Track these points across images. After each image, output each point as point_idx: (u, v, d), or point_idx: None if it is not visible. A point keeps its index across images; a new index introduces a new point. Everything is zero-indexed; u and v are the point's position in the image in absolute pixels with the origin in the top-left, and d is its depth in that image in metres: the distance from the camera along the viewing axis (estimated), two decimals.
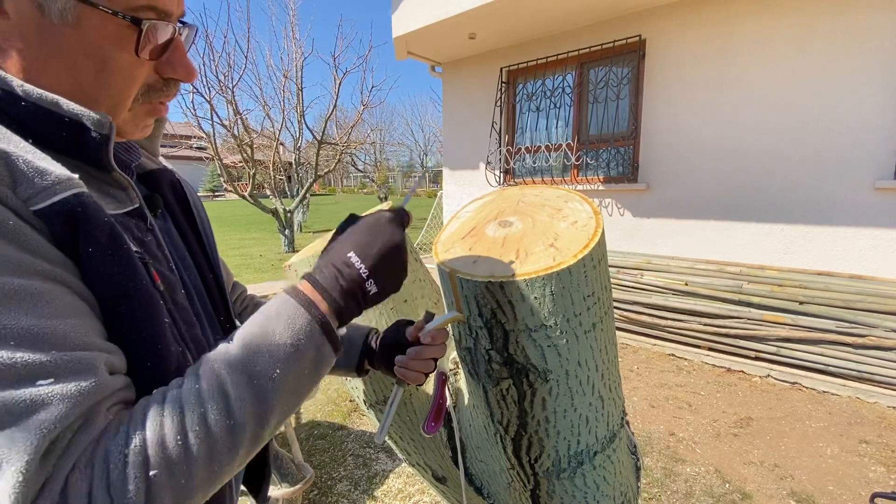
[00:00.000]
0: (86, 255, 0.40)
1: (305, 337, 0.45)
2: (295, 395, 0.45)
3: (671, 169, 4.12)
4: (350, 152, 14.21)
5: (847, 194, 3.30)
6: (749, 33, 3.59)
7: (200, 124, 8.06)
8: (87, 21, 0.43)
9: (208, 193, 30.94)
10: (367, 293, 0.51)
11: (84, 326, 0.39)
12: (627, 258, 4.20)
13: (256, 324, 0.45)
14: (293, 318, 0.46)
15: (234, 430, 0.40)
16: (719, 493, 2.08)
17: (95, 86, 0.46)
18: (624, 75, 4.32)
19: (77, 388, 0.36)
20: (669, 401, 2.95)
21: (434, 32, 4.78)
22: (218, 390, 0.40)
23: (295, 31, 9.04)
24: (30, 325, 0.35)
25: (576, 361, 0.62)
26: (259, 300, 0.85)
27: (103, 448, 0.36)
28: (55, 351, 0.36)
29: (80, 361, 0.37)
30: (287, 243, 9.06)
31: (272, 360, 0.43)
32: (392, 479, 2.23)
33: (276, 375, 0.43)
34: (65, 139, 0.44)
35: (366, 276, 0.50)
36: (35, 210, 0.37)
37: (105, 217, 0.42)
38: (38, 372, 0.35)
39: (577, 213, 0.64)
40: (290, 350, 0.44)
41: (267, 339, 0.44)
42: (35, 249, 0.37)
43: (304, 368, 0.45)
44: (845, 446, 2.41)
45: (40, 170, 0.38)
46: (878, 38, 3.10)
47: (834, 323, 3.03)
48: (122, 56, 0.46)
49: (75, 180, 0.40)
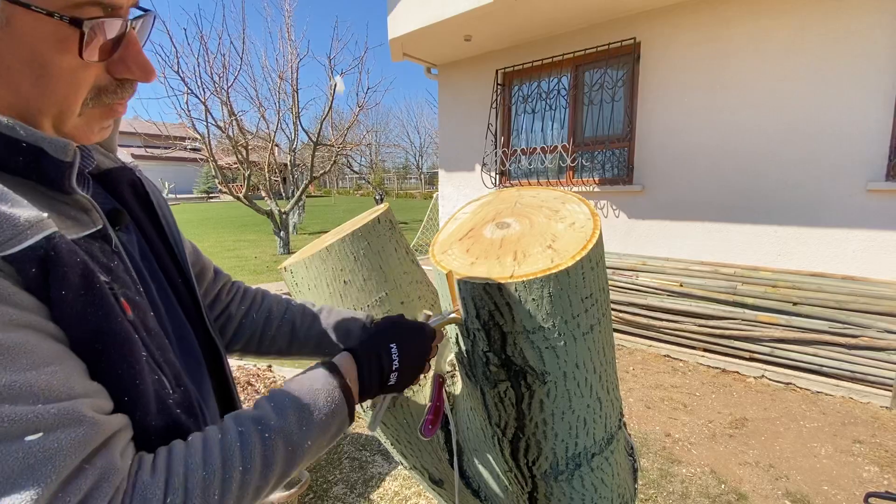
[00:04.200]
0: (58, 299, 0.39)
1: (339, 420, 0.55)
2: (307, 461, 0.53)
3: (666, 171, 4.14)
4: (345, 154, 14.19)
5: (840, 196, 3.33)
6: (742, 36, 3.62)
7: (195, 125, 8.02)
8: (19, 22, 0.38)
9: (203, 195, 30.78)
10: (385, 384, 0.62)
11: (64, 372, 0.38)
12: (622, 259, 4.21)
13: (299, 392, 0.53)
14: (334, 402, 0.54)
15: (261, 488, 0.46)
16: (715, 494, 2.09)
17: (36, 94, 0.41)
18: (619, 77, 4.34)
19: (69, 439, 0.35)
20: (665, 402, 2.96)
21: (430, 34, 4.79)
22: (259, 452, 0.45)
23: (290, 32, 9.02)
24: (10, 380, 0.33)
25: (574, 363, 0.61)
26: (248, 288, 0.82)
27: (141, 496, 0.38)
28: (40, 404, 0.35)
29: (66, 411, 0.36)
30: (282, 245, 9.03)
31: (307, 433, 0.50)
32: (388, 482, 2.21)
33: (307, 446, 0.50)
34: (21, 163, 0.40)
35: (395, 368, 0.62)
36: (4, 256, 0.35)
37: (77, 258, 0.40)
38: (26, 427, 0.34)
39: (575, 215, 0.64)
40: (324, 426, 0.53)
41: (307, 412, 0.51)
42: (8, 299, 0.35)
43: (326, 441, 0.54)
44: (839, 446, 2.43)
45: (7, 214, 0.36)
46: (870, 41, 3.14)
47: (827, 324, 3.06)
48: (64, 59, 0.41)
49: (45, 220, 0.38)
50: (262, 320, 0.78)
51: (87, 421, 0.37)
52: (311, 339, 0.78)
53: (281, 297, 0.82)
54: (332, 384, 0.55)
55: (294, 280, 0.89)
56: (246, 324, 0.78)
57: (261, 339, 0.78)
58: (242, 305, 0.78)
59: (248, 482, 0.44)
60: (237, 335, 0.77)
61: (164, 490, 0.39)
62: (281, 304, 0.80)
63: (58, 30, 0.39)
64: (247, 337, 0.78)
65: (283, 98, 9.09)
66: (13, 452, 0.33)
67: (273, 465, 0.46)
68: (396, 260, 0.89)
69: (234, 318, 0.77)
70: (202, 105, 7.83)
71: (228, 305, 0.78)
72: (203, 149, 8.30)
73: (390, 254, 0.88)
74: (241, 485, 0.43)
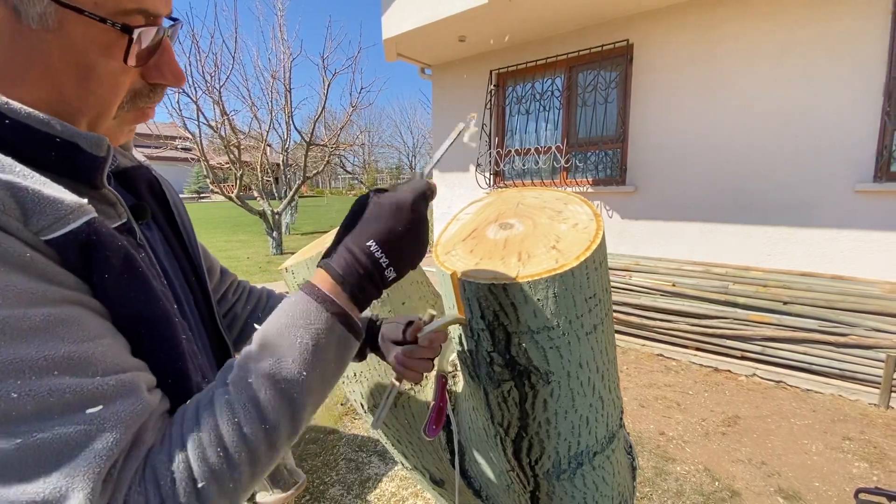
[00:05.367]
0: (101, 282, 0.40)
1: (326, 333, 0.46)
2: (324, 386, 0.47)
3: (658, 171, 4.18)
4: (339, 154, 14.13)
5: (829, 197, 3.39)
6: (733, 39, 3.67)
7: (186, 125, 7.95)
8: (70, 27, 0.40)
9: (193, 195, 30.48)
10: (385, 279, 0.51)
11: (116, 346, 0.39)
12: (616, 259, 4.25)
13: (276, 326, 0.46)
14: (312, 318, 0.46)
15: (271, 433, 0.42)
16: (709, 492, 2.11)
17: (78, 95, 0.43)
18: (612, 79, 4.37)
19: (126, 412, 0.37)
20: (659, 400, 2.99)
21: (424, 34, 4.79)
22: (248, 398, 0.41)
23: (283, 31, 8.97)
24: (69, 351, 0.35)
25: (577, 363, 0.62)
26: (253, 287, 0.83)
27: (151, 466, 0.37)
28: (98, 376, 0.36)
29: (123, 384, 0.37)
30: (275, 245, 8.97)
31: (296, 362, 0.44)
32: (385, 483, 2.21)
33: (302, 377, 0.44)
34: (54, 159, 0.41)
35: (385, 264, 0.49)
36: (47, 240, 0.37)
37: (119, 241, 0.41)
38: (87, 399, 0.35)
39: (578, 216, 0.65)
40: (313, 349, 0.45)
41: (289, 341, 0.44)
42: (54, 278, 0.37)
43: (329, 362, 0.46)
44: (829, 443, 2.47)
45: (50, 199, 0.37)
46: (858, 44, 3.19)
47: (817, 322, 3.10)
48: (109, 64, 0.43)
49: (86, 206, 0.39)
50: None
51: (142, 394, 0.39)
52: None
53: (286, 297, 0.82)
54: (311, 304, 0.46)
55: (295, 280, 0.88)
56: (252, 323, 0.79)
57: None
58: (248, 305, 0.80)
59: (244, 429, 0.40)
60: (243, 334, 0.78)
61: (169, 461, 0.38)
62: None
63: (106, 35, 0.41)
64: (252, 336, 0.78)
65: (276, 97, 9.05)
66: (76, 424, 0.34)
67: (262, 404, 0.41)
68: None
69: (239, 318, 0.78)
70: (194, 104, 7.76)
71: (234, 305, 0.79)
72: (194, 148, 8.22)
73: None
74: (238, 430, 0.40)
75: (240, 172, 8.71)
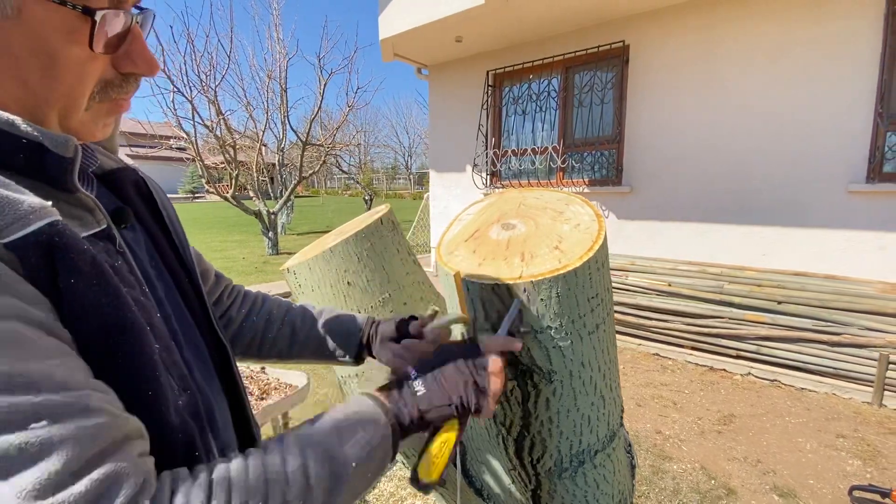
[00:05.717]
0: (68, 288, 0.37)
1: (383, 452, 0.51)
2: (357, 491, 0.49)
3: (654, 172, 4.20)
4: (335, 154, 14.10)
5: (822, 197, 3.42)
6: (729, 40, 3.70)
7: (181, 124, 7.90)
8: (29, 12, 0.38)
9: (188, 195, 30.31)
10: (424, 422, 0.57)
11: (68, 366, 0.36)
12: (612, 259, 4.27)
13: (348, 416, 0.50)
14: (379, 436, 0.50)
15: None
16: (705, 490, 2.13)
17: (44, 86, 0.41)
18: (608, 80, 4.40)
19: (79, 428, 0.33)
20: (655, 399, 3.01)
21: (421, 35, 4.79)
22: (300, 468, 0.43)
23: (279, 31, 8.95)
24: (6, 370, 0.31)
25: (579, 362, 0.62)
26: (248, 291, 0.82)
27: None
28: (43, 394, 0.32)
29: (75, 400, 0.34)
30: (271, 245, 8.94)
31: (353, 451, 0.47)
32: (383, 483, 2.21)
33: (352, 468, 0.46)
34: (23, 160, 0.39)
35: (419, 390, 0.56)
36: (6, 242, 0.34)
37: (84, 245, 0.39)
38: (28, 415, 0.31)
39: (579, 216, 0.65)
40: (369, 451, 0.49)
41: (354, 433, 0.48)
42: (6, 287, 0.34)
43: (369, 472, 0.50)
44: (823, 441, 2.49)
45: (10, 200, 0.35)
46: (853, 46, 3.23)
47: (811, 322, 3.13)
48: (73, 51, 0.41)
49: (48, 208, 0.37)
50: (262, 323, 0.78)
51: (97, 412, 0.35)
52: (312, 342, 0.78)
53: (281, 301, 0.82)
54: (366, 401, 0.53)
55: (297, 281, 0.88)
56: (246, 327, 0.78)
57: (261, 342, 0.78)
58: (243, 309, 0.78)
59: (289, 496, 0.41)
60: (238, 338, 0.77)
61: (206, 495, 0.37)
62: (281, 307, 0.81)
63: (68, 20, 0.40)
64: (248, 340, 0.78)
65: (272, 97, 9.02)
66: (14, 440, 0.31)
67: (311, 485, 0.43)
68: (399, 261, 0.89)
69: (234, 322, 0.77)
70: (189, 104, 7.72)
71: (229, 309, 0.78)
72: (189, 148, 8.18)
73: (393, 255, 0.88)
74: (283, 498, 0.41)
75: (235, 172, 8.68)
